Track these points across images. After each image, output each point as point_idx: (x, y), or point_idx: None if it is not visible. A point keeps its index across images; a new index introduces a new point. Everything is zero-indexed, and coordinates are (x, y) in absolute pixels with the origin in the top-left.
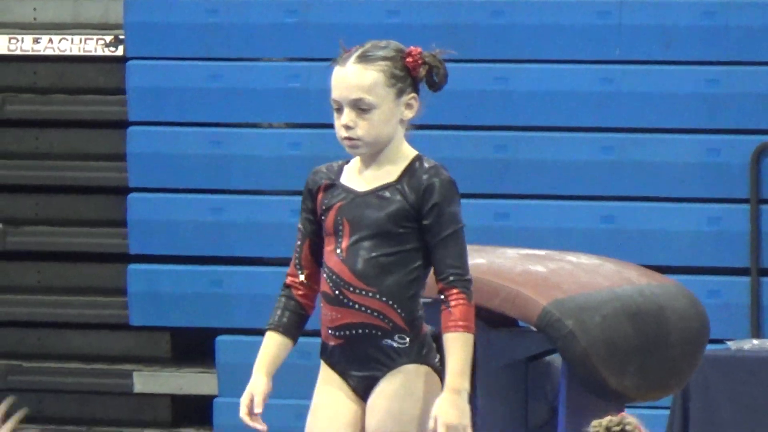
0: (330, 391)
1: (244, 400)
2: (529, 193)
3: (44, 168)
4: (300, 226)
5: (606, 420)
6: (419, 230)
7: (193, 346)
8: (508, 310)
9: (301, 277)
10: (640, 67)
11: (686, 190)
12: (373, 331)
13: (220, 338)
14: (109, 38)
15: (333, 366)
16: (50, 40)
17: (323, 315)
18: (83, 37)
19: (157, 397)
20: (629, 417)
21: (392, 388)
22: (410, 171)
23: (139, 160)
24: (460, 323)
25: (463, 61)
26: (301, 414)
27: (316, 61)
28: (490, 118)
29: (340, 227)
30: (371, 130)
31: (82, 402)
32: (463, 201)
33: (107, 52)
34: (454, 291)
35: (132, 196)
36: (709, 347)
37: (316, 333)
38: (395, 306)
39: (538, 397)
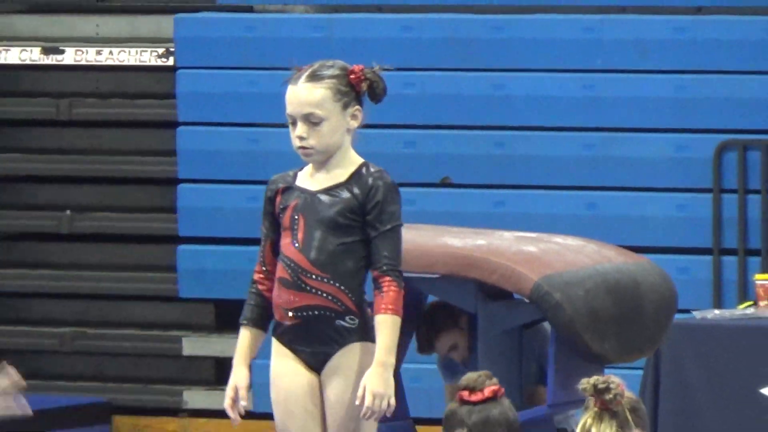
0: (286, 363)
1: (228, 392)
2: (523, 184)
3: (106, 162)
4: (263, 229)
5: (593, 379)
6: (363, 225)
7: (234, 316)
8: (505, 284)
9: (265, 273)
10: (619, 76)
11: (658, 181)
12: (327, 313)
13: None
14: (161, 50)
15: (285, 343)
16: (110, 52)
17: (278, 297)
18: (139, 49)
19: (202, 359)
20: (613, 377)
21: (347, 364)
22: (358, 174)
23: (187, 156)
24: (390, 307)
25: (467, 70)
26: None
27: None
28: (490, 119)
29: (296, 222)
30: (322, 140)
31: (137, 363)
32: (467, 191)
33: (159, 63)
34: (387, 279)
35: (181, 186)
36: (678, 316)
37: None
38: (346, 290)
39: (530, 359)
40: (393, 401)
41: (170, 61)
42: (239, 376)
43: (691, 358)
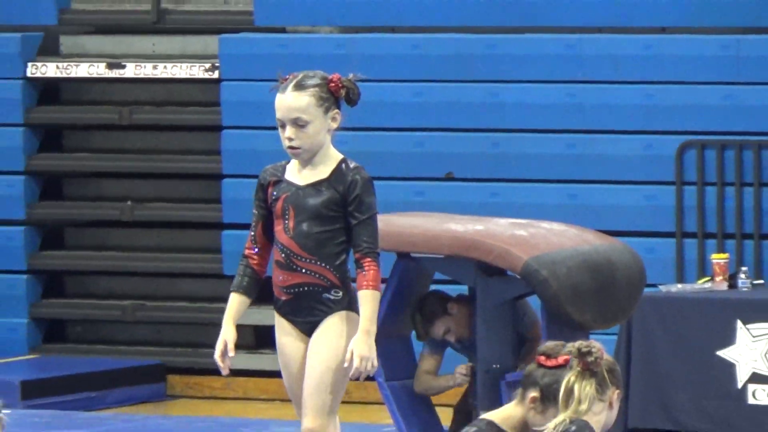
0: (286, 333)
1: (219, 345)
2: (515, 178)
3: (160, 161)
4: (255, 211)
5: (578, 343)
6: (345, 214)
7: (270, 290)
8: (500, 263)
9: (256, 250)
10: (596, 86)
11: (629, 175)
12: (315, 288)
13: None
14: (207, 65)
15: (283, 315)
16: (164, 67)
17: (275, 277)
18: (189, 64)
19: (243, 327)
20: (595, 342)
21: (330, 327)
22: (339, 170)
23: (230, 155)
24: (371, 284)
25: (467, 82)
26: None
27: (360, 81)
28: (487, 123)
29: (287, 212)
30: (307, 140)
31: (188, 331)
32: (467, 184)
33: (206, 76)
34: (367, 260)
35: (225, 180)
36: (646, 290)
37: None
38: (331, 269)
39: (520, 327)
40: (376, 363)
41: (215, 75)
42: (228, 333)
43: (657, 325)
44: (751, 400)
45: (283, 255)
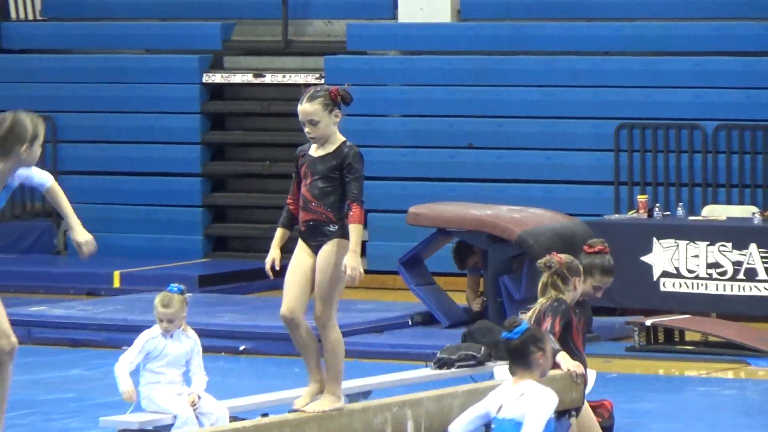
0: (303, 248)
1: (268, 262)
2: (513, 147)
3: (288, 135)
4: (293, 175)
5: (544, 259)
6: (341, 175)
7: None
8: (502, 234)
9: (292, 200)
10: (565, 89)
11: (585, 144)
12: (320, 223)
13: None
14: (317, 75)
15: (301, 239)
16: (290, 76)
17: (299, 216)
18: (305, 74)
19: None
20: (555, 256)
21: (329, 249)
22: (340, 148)
23: None
24: (356, 219)
25: (481, 86)
26: None
27: (416, 86)
28: (494, 112)
29: (307, 174)
30: (319, 133)
31: None
32: (480, 151)
33: (316, 82)
34: (354, 204)
35: None
36: (595, 218)
37: None
38: (331, 211)
39: (513, 277)
40: (362, 273)
41: (322, 81)
42: (274, 253)
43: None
44: (662, 288)
45: (302, 202)
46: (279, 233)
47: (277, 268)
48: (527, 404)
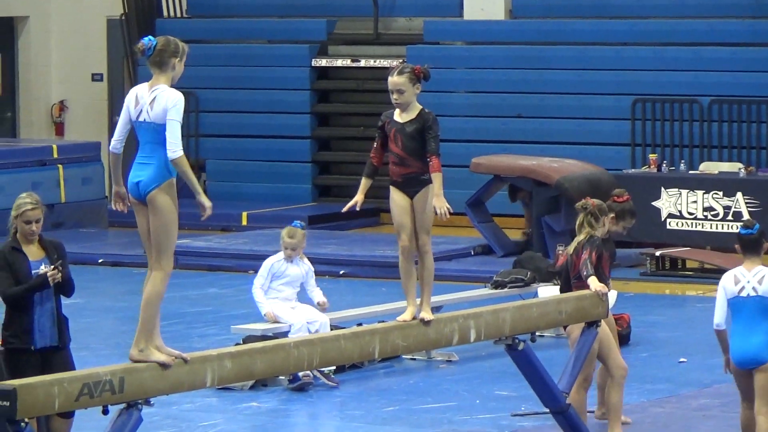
0: (400, 195)
1: (351, 203)
2: (551, 116)
3: (379, 108)
4: (377, 135)
5: (581, 202)
6: (423, 137)
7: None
8: (544, 179)
9: (375, 155)
10: (593, 71)
11: (609, 114)
12: (413, 174)
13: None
14: (400, 61)
15: (397, 188)
16: (379, 62)
17: (392, 171)
18: (390, 60)
19: None
20: (589, 200)
21: (424, 193)
22: (421, 114)
23: None
24: (437, 169)
25: (520, 68)
26: None
27: (477, 69)
28: (535, 89)
29: (397, 136)
30: (404, 100)
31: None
32: (527, 119)
33: None
34: (433, 157)
35: None
36: (616, 172)
37: None
38: (421, 164)
39: (553, 216)
40: (450, 209)
41: None
42: (359, 197)
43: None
44: (668, 227)
45: (397, 159)
46: (364, 182)
47: (358, 209)
48: None
